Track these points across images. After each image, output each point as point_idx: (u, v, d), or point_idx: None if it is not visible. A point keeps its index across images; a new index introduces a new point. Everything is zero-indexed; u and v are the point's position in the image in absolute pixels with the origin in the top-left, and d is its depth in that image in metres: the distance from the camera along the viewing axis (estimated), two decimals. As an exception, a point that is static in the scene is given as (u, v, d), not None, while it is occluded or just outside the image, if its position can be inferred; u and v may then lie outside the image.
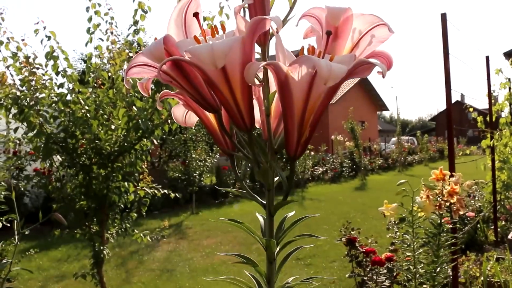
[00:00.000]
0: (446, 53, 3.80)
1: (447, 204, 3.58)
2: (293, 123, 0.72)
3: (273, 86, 0.83)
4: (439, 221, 3.67)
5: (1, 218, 4.32)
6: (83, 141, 3.58)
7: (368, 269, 3.92)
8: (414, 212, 3.71)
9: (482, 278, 3.92)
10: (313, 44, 0.92)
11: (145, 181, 4.30)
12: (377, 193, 12.00)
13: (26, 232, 2.20)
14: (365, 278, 3.88)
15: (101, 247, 3.72)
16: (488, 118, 5.85)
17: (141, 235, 4.16)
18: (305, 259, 6.07)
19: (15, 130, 3.35)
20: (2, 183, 4.92)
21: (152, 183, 4.34)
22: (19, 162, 4.96)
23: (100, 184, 3.61)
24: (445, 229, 3.68)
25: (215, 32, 0.74)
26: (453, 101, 3.93)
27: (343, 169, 16.81)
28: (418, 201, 3.63)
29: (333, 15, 0.76)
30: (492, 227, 5.55)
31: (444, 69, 3.84)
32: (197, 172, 10.50)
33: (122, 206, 3.94)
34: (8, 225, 5.09)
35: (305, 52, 0.71)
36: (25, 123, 3.12)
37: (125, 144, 3.58)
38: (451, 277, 3.83)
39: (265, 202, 0.87)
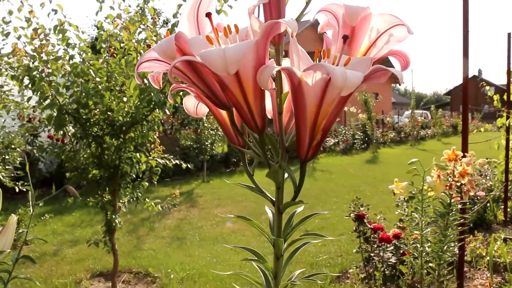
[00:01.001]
0: (466, 30, 3.69)
1: (458, 184, 3.57)
2: (305, 127, 0.71)
3: (286, 84, 0.81)
4: (448, 201, 3.66)
5: (17, 183, 4.44)
6: (96, 111, 3.59)
7: (375, 246, 3.96)
8: (424, 191, 3.72)
9: (488, 258, 3.94)
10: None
11: (157, 151, 4.32)
12: (388, 167, 11.99)
13: (41, 204, 2.25)
14: (372, 255, 3.92)
15: (113, 216, 3.79)
16: (505, 96, 5.73)
17: (152, 204, 4.22)
18: (314, 232, 6.13)
19: (28, 99, 3.37)
20: (18, 149, 5.02)
21: (163, 152, 4.37)
22: (33, 129, 5.01)
23: (112, 155, 3.65)
24: (454, 209, 3.68)
25: (228, 32, 0.72)
26: (470, 75, 3.84)
27: (355, 141, 16.75)
28: (428, 181, 3.62)
29: (350, 15, 0.74)
30: (502, 206, 5.54)
31: (462, 44, 3.73)
32: (209, 141, 10.55)
33: (134, 176, 3.98)
34: (24, 189, 5.22)
35: (321, 55, 0.69)
36: (37, 94, 3.12)
37: (137, 115, 3.59)
38: (458, 256, 3.85)
39: (274, 199, 0.87)
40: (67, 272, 4.26)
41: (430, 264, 3.71)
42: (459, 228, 3.73)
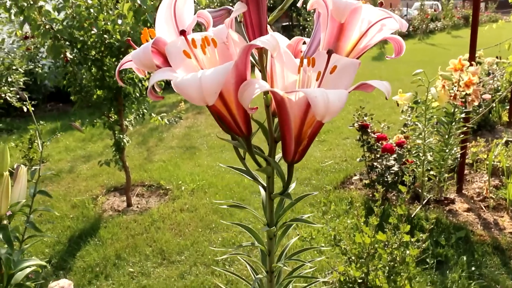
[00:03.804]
0: None
1: (463, 94, 3.54)
2: (290, 136, 0.70)
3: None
4: (452, 111, 3.67)
5: (25, 102, 4.52)
6: (91, 32, 3.49)
7: (378, 155, 4.04)
8: (428, 101, 3.70)
9: (487, 162, 4.04)
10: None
11: (159, 65, 4.26)
12: (395, 64, 11.71)
13: (47, 143, 2.30)
14: (375, 163, 4.02)
15: (121, 135, 3.88)
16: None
17: (159, 118, 4.28)
18: (319, 136, 6.22)
19: (21, 26, 3.24)
20: (20, 69, 4.99)
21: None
22: (33, 45, 4.91)
23: (113, 77, 3.62)
24: (457, 118, 3.70)
25: (206, 43, 0.68)
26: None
27: (362, 35, 16.15)
28: (432, 92, 3.59)
29: (338, 11, 0.69)
30: (508, 107, 5.52)
31: None
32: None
33: (138, 94, 3.98)
34: (33, 109, 5.26)
35: (305, 63, 0.66)
36: (29, 23, 3.00)
37: (135, 36, 3.49)
38: (459, 162, 3.95)
39: (265, 185, 0.89)
40: (84, 189, 4.48)
41: (432, 172, 3.83)
42: (461, 136, 3.78)
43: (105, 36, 3.35)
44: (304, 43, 0.94)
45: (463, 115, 3.66)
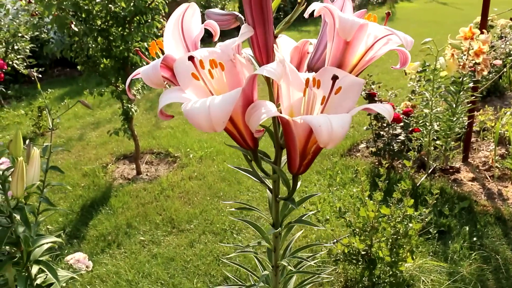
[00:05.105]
0: None
1: (472, 63, 3.50)
2: (295, 152, 0.73)
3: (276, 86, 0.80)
4: (460, 80, 3.63)
5: (32, 70, 4.53)
6: (97, 0, 3.44)
7: (385, 124, 4.04)
8: (437, 70, 3.67)
9: (495, 131, 4.03)
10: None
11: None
12: (406, 24, 11.44)
13: (57, 120, 2.33)
14: (382, 132, 4.03)
15: (129, 105, 3.90)
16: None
17: (166, 85, 4.27)
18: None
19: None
20: (26, 36, 4.96)
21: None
22: (37, 12, 4.83)
23: (120, 46, 3.60)
24: (465, 88, 3.67)
25: (214, 65, 0.69)
26: None
27: (371, -5, 15.70)
28: (441, 62, 3.55)
29: (344, 30, 0.69)
30: (519, 72, 5.43)
31: None
32: (219, 6, 10.16)
33: (145, 63, 3.97)
34: (40, 75, 5.31)
35: (310, 83, 0.68)
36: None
37: (140, 4, 3.44)
38: (466, 130, 3.94)
39: (271, 187, 0.93)
40: (94, 157, 4.55)
41: (438, 142, 3.84)
42: (469, 105, 3.76)
43: (110, 5, 3.31)
44: (310, 43, 0.95)
45: (471, 84, 3.62)
